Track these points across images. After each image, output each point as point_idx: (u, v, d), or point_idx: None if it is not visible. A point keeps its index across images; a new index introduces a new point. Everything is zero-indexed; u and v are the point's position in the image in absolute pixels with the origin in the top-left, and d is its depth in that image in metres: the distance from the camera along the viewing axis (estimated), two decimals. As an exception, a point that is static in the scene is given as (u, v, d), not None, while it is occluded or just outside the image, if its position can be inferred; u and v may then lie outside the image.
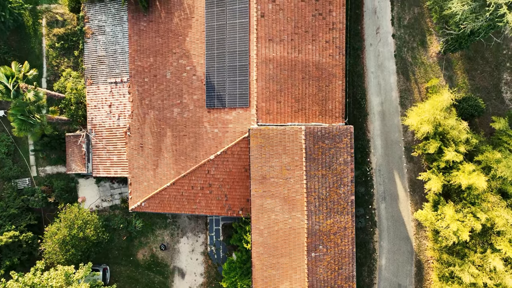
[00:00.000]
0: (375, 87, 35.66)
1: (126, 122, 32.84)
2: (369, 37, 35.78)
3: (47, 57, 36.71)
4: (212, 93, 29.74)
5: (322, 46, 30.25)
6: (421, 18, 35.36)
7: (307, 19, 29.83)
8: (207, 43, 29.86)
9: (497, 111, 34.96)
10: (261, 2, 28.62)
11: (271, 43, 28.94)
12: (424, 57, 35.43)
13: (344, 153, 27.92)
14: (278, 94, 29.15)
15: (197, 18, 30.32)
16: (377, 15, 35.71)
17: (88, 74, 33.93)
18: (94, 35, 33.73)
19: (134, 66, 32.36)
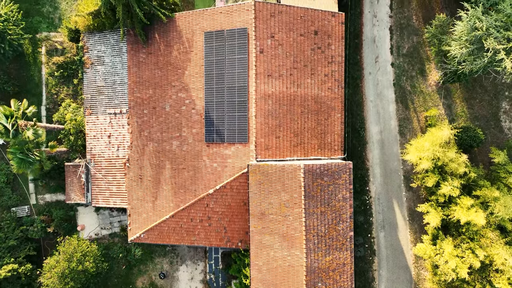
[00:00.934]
0: (374, 116, 35.69)
1: (125, 153, 32.85)
2: (368, 66, 35.82)
3: (47, 85, 36.73)
4: (211, 128, 29.77)
5: (321, 79, 30.29)
6: (420, 47, 35.43)
7: (306, 53, 29.87)
8: (206, 77, 29.90)
9: (496, 140, 35.01)
10: (260, 38, 28.66)
11: (270, 79, 28.97)
12: (423, 86, 35.48)
13: (343, 189, 27.93)
14: (277, 129, 29.18)
15: (196, 52, 30.36)
16: (376, 44, 35.76)
17: (87, 104, 33.95)
18: (93, 65, 33.76)
19: (133, 98, 32.39)
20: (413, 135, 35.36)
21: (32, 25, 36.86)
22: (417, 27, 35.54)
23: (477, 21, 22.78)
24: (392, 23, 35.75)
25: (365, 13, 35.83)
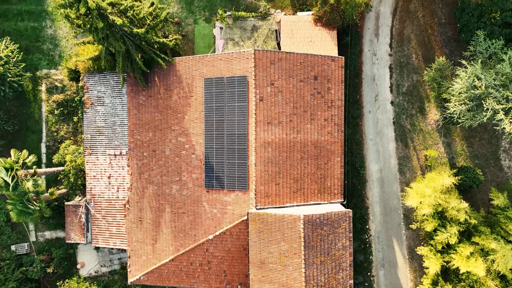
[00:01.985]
0: (374, 154, 35.71)
1: (125, 194, 32.86)
2: (368, 105, 35.86)
3: (47, 122, 36.76)
4: (211, 174, 29.79)
5: (321, 124, 30.32)
6: (419, 86, 35.46)
7: (306, 99, 29.91)
8: (206, 123, 29.93)
9: (495, 178, 35.02)
10: (260, 85, 28.70)
11: (270, 126, 29.00)
12: (423, 124, 35.51)
13: (342, 238, 27.94)
14: (277, 176, 29.20)
15: (196, 98, 30.39)
16: (376, 83, 35.81)
17: (87, 144, 33.97)
18: (93, 105, 33.80)
19: (133, 140, 32.41)
20: (413, 174, 35.38)
21: (32, 62, 36.90)
22: (417, 66, 35.58)
23: (476, 80, 22.80)
24: (391, 61, 35.79)
25: (364, 51, 35.87)
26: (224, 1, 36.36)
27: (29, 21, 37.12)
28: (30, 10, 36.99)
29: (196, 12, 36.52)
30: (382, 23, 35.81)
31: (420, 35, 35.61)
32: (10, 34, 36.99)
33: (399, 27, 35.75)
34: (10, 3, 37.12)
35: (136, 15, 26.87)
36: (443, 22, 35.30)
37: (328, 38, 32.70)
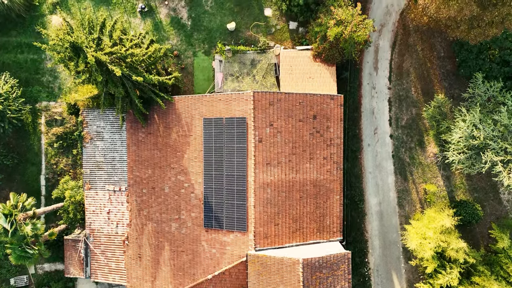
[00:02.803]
0: (373, 188, 35.73)
1: (124, 230, 32.87)
2: (367, 138, 35.90)
3: (46, 154, 36.79)
4: (210, 214, 29.80)
5: (320, 163, 30.35)
6: (418, 119, 35.49)
7: (305, 138, 29.94)
8: (205, 163, 29.96)
9: (495, 212, 35.01)
10: (259, 127, 28.73)
11: (269, 167, 29.03)
12: (422, 158, 35.54)
13: (341, 280, 27.94)
14: (276, 216, 29.21)
15: (195, 137, 30.42)
16: (375, 116, 35.85)
17: (86, 178, 33.99)
18: (92, 140, 33.83)
19: (133, 176, 32.43)
20: (412, 207, 35.40)
21: (32, 94, 36.94)
22: (416, 99, 35.63)
23: (475, 130, 22.85)
24: (391, 95, 35.84)
25: (364, 85, 35.94)
26: (223, 34, 36.42)
27: (29, 53, 37.17)
28: (29, 43, 36.99)
29: (195, 45, 36.58)
30: (381, 57, 35.87)
31: (419, 68, 35.67)
32: (10, 66, 37.05)
33: (398, 61, 35.81)
34: (10, 36, 37.17)
35: (136, 61, 26.91)
36: (442, 55, 35.35)
37: (327, 74, 32.76)
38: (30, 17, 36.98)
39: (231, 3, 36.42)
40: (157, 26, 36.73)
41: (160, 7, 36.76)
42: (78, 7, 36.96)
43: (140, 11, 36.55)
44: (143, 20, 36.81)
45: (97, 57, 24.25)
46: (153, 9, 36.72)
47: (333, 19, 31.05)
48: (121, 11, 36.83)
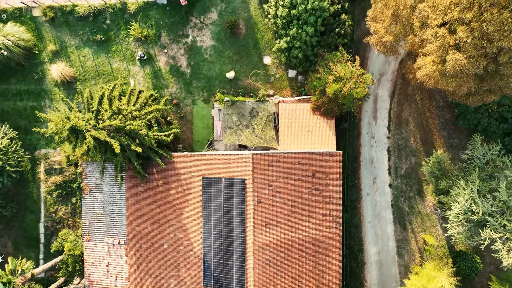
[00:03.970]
0: (372, 237, 35.72)
1: (123, 284, 32.85)
2: (366, 187, 35.91)
3: (45, 202, 36.79)
4: (209, 273, 29.78)
5: (319, 220, 30.36)
6: (418, 168, 35.49)
7: (304, 197, 29.96)
8: (204, 222, 29.96)
9: (494, 262, 34.96)
10: (258, 188, 28.75)
11: (268, 228, 29.03)
12: (421, 207, 35.54)
13: None
14: (275, 277, 29.19)
15: (194, 195, 30.44)
16: (374, 165, 35.86)
17: (85, 230, 33.98)
18: (91, 192, 33.85)
19: (132, 230, 32.43)
20: (411, 256, 35.39)
21: (31, 142, 36.97)
22: (415, 148, 35.65)
23: (473, 204, 22.87)
24: (390, 144, 35.87)
25: (363, 134, 35.96)
26: (223, 82, 36.48)
27: (28, 101, 37.20)
28: (29, 90, 37.08)
29: (194, 93, 36.62)
30: (380, 106, 35.91)
31: (418, 118, 35.70)
32: (9, 114, 37.10)
33: (397, 110, 35.85)
34: (10, 83, 37.21)
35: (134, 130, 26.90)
36: (441, 105, 35.39)
37: (326, 128, 32.79)
38: (29, 64, 37.03)
39: (230, 52, 36.49)
40: (156, 74, 36.78)
41: (159, 55, 36.81)
42: (77, 55, 37.01)
43: (139, 59, 36.60)
44: (142, 68, 36.86)
45: (96, 136, 24.29)
46: (152, 57, 36.78)
47: (332, 75, 31.12)
48: (120, 58, 36.90)
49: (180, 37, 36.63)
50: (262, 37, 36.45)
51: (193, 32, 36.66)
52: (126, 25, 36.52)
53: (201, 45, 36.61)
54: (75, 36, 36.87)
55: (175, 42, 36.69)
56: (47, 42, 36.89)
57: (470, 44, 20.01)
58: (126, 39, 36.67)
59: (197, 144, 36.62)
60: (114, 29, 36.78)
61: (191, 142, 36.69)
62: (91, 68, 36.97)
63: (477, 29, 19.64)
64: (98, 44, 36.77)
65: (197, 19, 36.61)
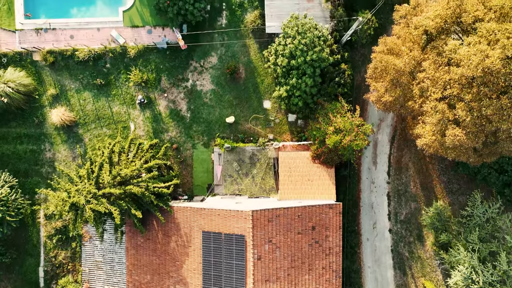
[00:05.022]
0: (372, 282, 35.71)
1: (123, 333, 32.82)
2: (366, 232, 35.92)
3: (45, 246, 36.74)
4: (209, 328, 29.77)
5: (319, 273, 30.35)
6: (417, 213, 35.51)
7: (304, 250, 29.97)
8: (204, 276, 29.96)
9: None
10: (258, 245, 28.76)
11: (268, 283, 29.03)
12: (421, 252, 35.52)
13: None
14: (275, 332, 29.17)
15: (194, 249, 30.44)
16: (374, 210, 35.89)
17: (85, 277, 33.97)
18: (91, 239, 33.84)
19: (131, 280, 32.41)
20: (411, 306, 35.39)
21: (31, 186, 36.94)
22: (415, 194, 35.67)
23: (474, 273, 22.88)
24: (390, 189, 35.90)
25: (363, 179, 36.00)
26: (222, 126, 36.51)
27: (28, 144, 37.20)
28: (29, 133, 37.09)
29: (194, 137, 36.65)
30: (380, 151, 35.95)
31: (418, 163, 35.73)
32: (9, 157, 37.09)
33: (397, 155, 35.88)
34: (10, 126, 37.23)
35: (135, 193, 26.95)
36: (441, 150, 35.39)
37: (326, 177, 32.80)
38: (29, 108, 37.04)
39: (230, 96, 36.56)
40: (156, 118, 36.83)
41: (159, 99, 36.86)
42: (77, 98, 37.05)
43: (140, 103, 36.63)
44: (143, 112, 36.90)
45: (95, 209, 24.34)
46: (152, 101, 36.83)
47: (332, 126, 31.16)
48: (120, 102, 36.94)
49: (180, 81, 36.70)
50: (262, 82, 36.54)
51: (193, 76, 36.74)
52: (126, 69, 36.58)
53: (201, 89, 36.68)
54: (75, 80, 36.92)
55: (175, 86, 36.76)
56: (47, 86, 36.93)
57: (470, 122, 20.06)
58: (126, 83, 36.73)
59: (197, 188, 36.65)
60: (114, 73, 36.84)
61: (191, 186, 36.71)
62: (91, 111, 37.02)
63: (476, 109, 19.71)
64: (98, 88, 36.83)
65: (197, 63, 36.70)
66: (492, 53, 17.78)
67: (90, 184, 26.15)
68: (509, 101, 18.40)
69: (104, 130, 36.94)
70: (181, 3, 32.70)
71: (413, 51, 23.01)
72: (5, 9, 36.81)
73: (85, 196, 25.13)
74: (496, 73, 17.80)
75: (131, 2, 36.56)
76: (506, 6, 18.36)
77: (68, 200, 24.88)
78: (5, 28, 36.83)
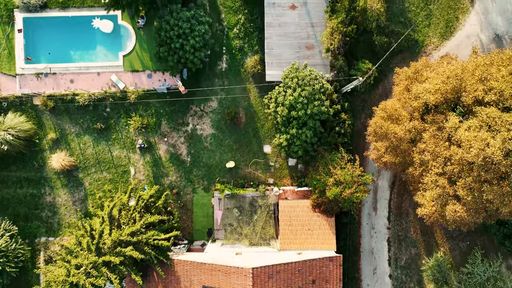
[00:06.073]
0: (372, 328, 35.72)
1: None
2: (366, 278, 35.91)
3: (45, 291, 36.64)
4: None
5: (319, 326, 30.29)
6: (417, 259, 35.51)
7: (304, 304, 29.91)
8: (204, 330, 29.92)
9: None
10: (258, 301, 28.74)
11: None
12: (421, 299, 35.53)
13: None
14: None
15: (194, 302, 30.40)
16: (374, 256, 35.88)
17: (85, 325, 33.84)
18: None
19: (132, 330, 32.31)
20: None
21: (31, 230, 36.91)
22: (415, 239, 35.66)
23: None
24: (390, 235, 35.90)
25: (363, 225, 36.01)
26: (223, 171, 36.51)
27: (28, 188, 37.16)
28: (29, 177, 37.06)
29: (194, 181, 36.63)
30: (380, 197, 35.95)
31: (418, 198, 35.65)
32: (9, 201, 37.05)
33: (397, 201, 35.87)
34: (10, 170, 37.20)
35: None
36: (441, 196, 35.39)
37: (326, 227, 32.80)
38: (29, 152, 37.00)
39: (231, 140, 36.58)
40: (156, 162, 36.82)
41: (159, 143, 36.86)
42: (77, 142, 37.04)
43: (140, 148, 36.62)
44: (143, 156, 36.89)
45: (96, 284, 24.35)
46: (152, 145, 36.83)
47: (332, 178, 31.18)
48: (120, 146, 36.94)
49: (180, 125, 36.72)
50: (262, 126, 36.58)
51: (193, 120, 36.75)
52: (126, 114, 36.58)
53: (201, 133, 36.70)
54: (76, 124, 36.91)
55: (175, 131, 36.77)
56: (48, 130, 36.91)
57: (470, 200, 20.08)
58: (126, 128, 36.73)
59: (197, 232, 36.65)
60: (114, 117, 36.85)
61: (191, 231, 36.71)
62: (91, 155, 37.02)
63: (477, 189, 19.73)
64: (98, 132, 36.82)
65: (197, 107, 36.72)
66: (493, 143, 17.81)
67: (91, 253, 26.14)
68: (510, 188, 18.42)
69: (104, 174, 36.93)
70: (182, 52, 32.71)
71: (413, 120, 23.03)
72: (5, 53, 36.83)
73: (85, 269, 25.10)
74: (497, 163, 17.83)
75: (131, 47, 36.60)
76: (506, 93, 18.38)
77: (67, 279, 24.87)
78: (5, 73, 36.84)
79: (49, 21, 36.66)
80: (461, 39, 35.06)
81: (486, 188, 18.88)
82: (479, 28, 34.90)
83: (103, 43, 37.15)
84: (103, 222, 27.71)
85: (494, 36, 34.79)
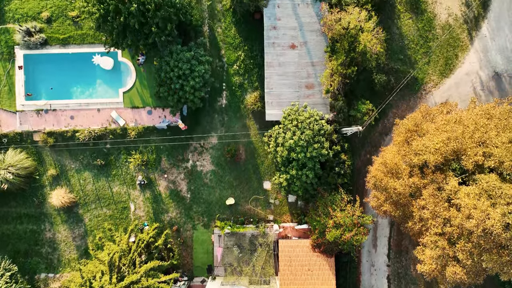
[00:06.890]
0: None
1: None
2: (366, 317, 35.91)
3: (45, 328, 36.66)
4: None
5: None
6: (417, 296, 35.53)
7: None
8: None
9: None
10: None
11: None
12: (421, 334, 35.49)
13: None
14: None
15: None
16: (374, 293, 35.89)
17: None
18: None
19: None
20: None
21: (31, 266, 36.91)
22: (415, 276, 35.60)
23: None
24: (389, 272, 35.88)
25: (363, 262, 36.00)
26: (223, 207, 36.52)
27: (28, 224, 37.17)
28: (29, 213, 37.07)
29: (194, 218, 36.65)
30: (380, 234, 35.96)
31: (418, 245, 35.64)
32: (9, 237, 37.06)
33: (397, 238, 35.86)
34: (10, 206, 37.21)
35: None
36: (441, 233, 35.40)
37: (326, 267, 32.79)
38: (30, 188, 37.03)
39: (230, 177, 36.60)
40: (156, 198, 36.83)
41: (159, 180, 36.88)
42: (77, 178, 37.05)
43: (140, 184, 36.64)
44: (143, 192, 36.90)
45: None
46: (152, 181, 36.84)
47: (332, 220, 31.20)
48: (120, 182, 36.96)
49: (180, 161, 36.75)
50: (262, 163, 36.60)
51: (193, 157, 36.79)
52: (126, 150, 36.62)
53: (201, 169, 36.72)
54: (76, 160, 36.94)
55: (175, 167, 36.80)
56: (48, 166, 36.94)
57: (470, 264, 20.09)
58: (126, 164, 36.76)
59: (197, 269, 36.62)
60: (114, 153, 36.89)
61: (191, 267, 36.69)
62: (91, 192, 37.03)
63: (477, 254, 19.75)
64: (98, 168, 36.85)
65: (197, 143, 36.76)
66: (493, 215, 17.88)
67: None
68: (509, 258, 18.44)
69: (104, 210, 36.94)
70: (181, 93, 32.77)
71: (413, 176, 23.07)
72: (6, 90, 36.90)
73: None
74: (497, 236, 17.88)
75: (132, 83, 36.66)
76: (507, 164, 18.43)
77: None
78: (6, 109, 36.89)
79: (50, 57, 36.76)
80: (461, 77, 35.14)
81: (485, 257, 18.92)
82: (478, 66, 34.98)
83: (103, 80, 37.23)
84: (102, 276, 27.70)
85: (493, 74, 34.88)
